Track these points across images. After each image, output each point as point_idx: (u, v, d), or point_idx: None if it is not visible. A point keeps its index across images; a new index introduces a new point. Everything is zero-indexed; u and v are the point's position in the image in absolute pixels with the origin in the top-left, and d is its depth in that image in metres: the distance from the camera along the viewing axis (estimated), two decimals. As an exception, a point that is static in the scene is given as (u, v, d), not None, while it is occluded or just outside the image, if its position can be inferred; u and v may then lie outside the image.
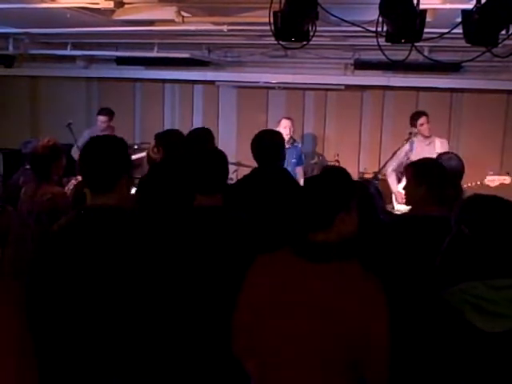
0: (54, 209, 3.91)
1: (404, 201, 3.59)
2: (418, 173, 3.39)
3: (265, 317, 2.28)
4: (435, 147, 6.46)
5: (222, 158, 3.26)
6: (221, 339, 2.64)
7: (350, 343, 2.17)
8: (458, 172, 4.08)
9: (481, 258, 1.83)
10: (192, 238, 2.93)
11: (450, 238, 1.92)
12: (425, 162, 3.54)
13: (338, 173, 2.41)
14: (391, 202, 6.59)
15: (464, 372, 1.79)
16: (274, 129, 6.11)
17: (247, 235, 3.06)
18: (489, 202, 1.93)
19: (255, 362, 2.37)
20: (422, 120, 6.65)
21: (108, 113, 7.62)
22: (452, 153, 4.43)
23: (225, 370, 2.82)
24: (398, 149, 6.62)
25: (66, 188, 4.47)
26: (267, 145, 4.04)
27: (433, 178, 3.28)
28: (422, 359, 1.91)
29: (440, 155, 4.17)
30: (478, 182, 5.89)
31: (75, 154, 6.70)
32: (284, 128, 7.03)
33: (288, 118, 7.40)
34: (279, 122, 7.41)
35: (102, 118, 7.56)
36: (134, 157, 7.08)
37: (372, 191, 3.68)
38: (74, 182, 4.60)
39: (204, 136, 4.60)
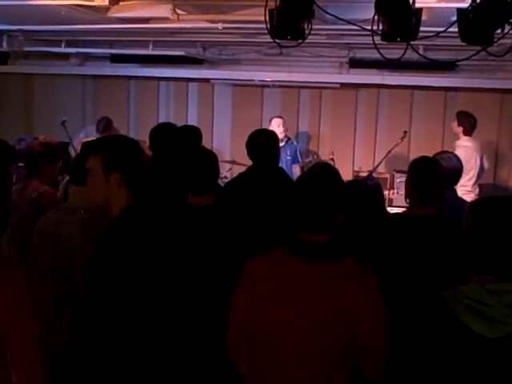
0: (40, 207, 3.89)
1: None
2: (413, 171, 3.39)
3: (263, 318, 2.27)
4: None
5: (212, 158, 3.27)
6: (213, 340, 2.64)
7: (349, 342, 2.19)
8: (458, 172, 4.07)
9: (481, 251, 1.82)
10: (183, 237, 2.92)
11: (458, 234, 1.91)
12: (423, 160, 3.51)
13: (332, 172, 2.41)
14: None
15: (457, 376, 1.79)
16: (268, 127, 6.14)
17: (238, 234, 3.06)
18: (500, 200, 1.93)
19: (250, 364, 2.35)
20: None
21: (104, 128, 7.55)
22: (451, 153, 4.42)
23: (219, 369, 2.81)
24: (393, 147, 6.63)
25: (61, 186, 4.45)
26: (262, 144, 4.04)
27: (426, 178, 3.28)
28: (417, 360, 1.90)
29: (440, 155, 4.13)
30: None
31: (71, 151, 6.67)
32: (277, 126, 7.05)
33: (279, 117, 7.42)
34: (270, 121, 7.43)
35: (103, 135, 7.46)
36: None
37: (372, 187, 3.69)
38: (67, 178, 4.57)
39: (194, 134, 4.58)
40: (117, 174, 2.52)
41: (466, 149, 6.20)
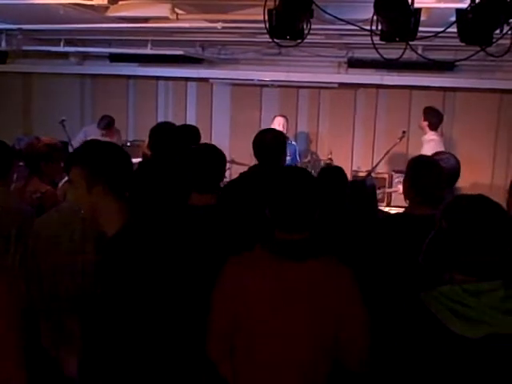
0: (42, 207, 3.90)
1: None
2: (412, 171, 3.39)
3: (244, 316, 2.28)
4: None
5: (220, 156, 3.25)
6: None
7: (331, 337, 2.23)
8: (457, 172, 4.07)
9: (458, 252, 1.82)
10: (183, 237, 2.92)
11: (431, 235, 1.92)
12: (421, 160, 3.51)
13: (308, 173, 2.47)
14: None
15: (438, 376, 1.79)
16: (269, 126, 6.13)
17: (239, 235, 3.05)
18: (472, 199, 1.94)
19: (230, 365, 2.35)
20: None
21: (106, 125, 7.63)
22: (449, 153, 4.42)
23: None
24: (392, 147, 6.64)
25: (60, 185, 4.45)
26: (269, 143, 4.02)
27: (424, 178, 3.28)
28: (399, 361, 1.91)
29: (438, 155, 4.13)
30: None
31: (70, 151, 6.68)
32: (278, 125, 7.06)
33: (282, 116, 7.44)
34: (273, 119, 7.45)
35: (103, 132, 7.58)
36: None
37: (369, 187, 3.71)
38: (66, 178, 4.58)
39: (193, 134, 4.57)
40: (99, 187, 2.42)
41: (433, 142, 6.47)
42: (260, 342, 2.25)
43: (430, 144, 6.44)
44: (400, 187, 6.47)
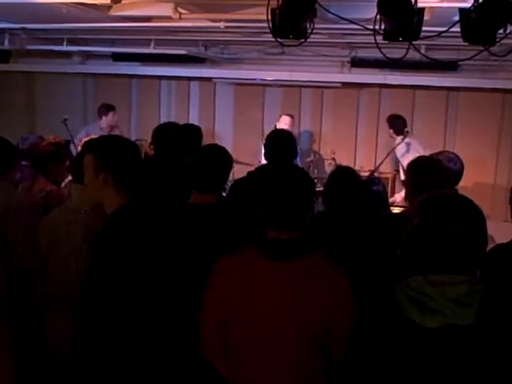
0: (46, 206, 3.91)
1: None
2: (411, 171, 3.40)
3: (234, 317, 2.30)
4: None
5: (225, 159, 3.25)
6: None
7: (321, 335, 2.25)
8: (459, 173, 4.07)
9: (426, 247, 1.84)
10: (180, 235, 2.92)
11: (408, 230, 1.94)
12: (421, 161, 3.52)
13: (302, 172, 2.48)
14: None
15: (399, 365, 1.81)
16: (272, 126, 6.14)
17: (237, 234, 3.06)
18: (443, 197, 1.97)
19: (225, 361, 2.37)
20: None
21: (108, 108, 7.61)
22: (453, 153, 4.42)
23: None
24: (395, 147, 6.64)
25: (63, 184, 4.46)
26: (285, 143, 4.02)
27: (425, 176, 3.28)
28: (366, 349, 1.93)
29: (440, 154, 4.13)
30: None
31: (73, 150, 6.67)
32: (285, 124, 7.07)
33: (288, 115, 7.43)
34: (279, 118, 7.44)
35: (109, 118, 7.54)
36: None
37: (379, 188, 3.70)
38: (70, 178, 4.58)
39: (195, 133, 4.58)
40: (103, 174, 2.54)
41: (403, 143, 6.70)
42: (250, 342, 2.27)
43: (401, 145, 6.65)
44: (397, 196, 6.66)
